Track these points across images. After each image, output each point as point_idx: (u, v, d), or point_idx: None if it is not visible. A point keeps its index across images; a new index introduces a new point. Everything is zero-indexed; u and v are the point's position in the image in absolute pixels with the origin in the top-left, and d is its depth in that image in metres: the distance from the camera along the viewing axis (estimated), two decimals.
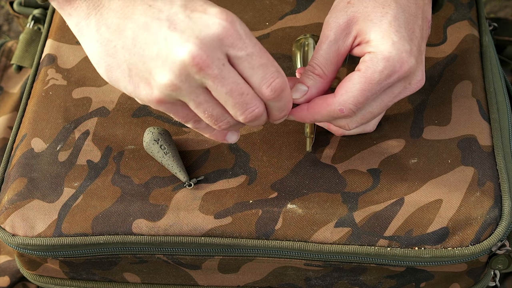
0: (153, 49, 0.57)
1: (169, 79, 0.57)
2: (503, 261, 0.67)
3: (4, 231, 0.68)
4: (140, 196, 0.68)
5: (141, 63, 0.58)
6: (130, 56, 0.59)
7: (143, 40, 0.58)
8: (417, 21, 0.63)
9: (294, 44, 0.74)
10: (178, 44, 0.56)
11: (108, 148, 0.71)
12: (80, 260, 0.69)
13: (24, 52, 0.92)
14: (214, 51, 0.56)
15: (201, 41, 0.56)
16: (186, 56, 0.56)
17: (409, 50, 0.61)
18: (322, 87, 0.64)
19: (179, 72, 0.56)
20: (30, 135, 0.72)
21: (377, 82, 0.61)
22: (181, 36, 0.56)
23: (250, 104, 0.58)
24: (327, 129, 0.71)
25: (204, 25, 0.56)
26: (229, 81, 0.57)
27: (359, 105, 0.62)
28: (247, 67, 0.57)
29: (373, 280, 0.69)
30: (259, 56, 0.57)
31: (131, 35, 0.58)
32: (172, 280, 0.72)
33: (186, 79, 0.57)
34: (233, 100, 0.58)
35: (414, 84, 0.64)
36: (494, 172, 0.68)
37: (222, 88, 0.57)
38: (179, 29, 0.56)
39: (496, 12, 1.29)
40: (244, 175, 0.69)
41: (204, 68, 0.56)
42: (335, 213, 0.66)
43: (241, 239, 0.66)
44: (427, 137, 0.71)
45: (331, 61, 0.64)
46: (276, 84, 0.58)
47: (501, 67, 0.79)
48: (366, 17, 0.63)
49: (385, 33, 0.61)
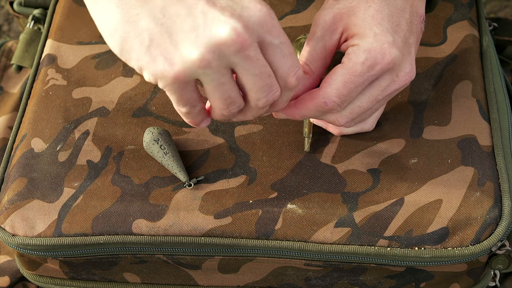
0: (187, 21, 0.55)
1: (201, 55, 0.55)
2: (503, 261, 0.67)
3: (4, 231, 0.68)
4: (140, 196, 0.68)
5: (167, 35, 0.56)
6: (155, 26, 0.56)
7: (175, 11, 0.56)
8: (403, 15, 0.64)
9: (294, 44, 0.74)
10: (219, 20, 0.55)
11: (108, 148, 0.71)
12: (80, 260, 0.69)
13: (24, 52, 0.92)
14: (254, 33, 0.55)
15: (245, 22, 0.55)
16: (230, 33, 0.54)
17: (391, 41, 0.61)
18: (309, 83, 0.64)
19: (214, 49, 0.55)
20: (30, 135, 0.72)
21: (359, 73, 0.61)
22: (223, 13, 0.55)
23: (273, 86, 0.58)
24: (325, 128, 0.71)
25: (245, 7, 0.55)
26: (261, 63, 0.57)
27: (342, 97, 0.62)
28: (279, 55, 0.57)
29: (373, 280, 0.69)
30: (289, 45, 0.58)
31: (160, 4, 0.56)
32: (172, 280, 0.72)
33: (219, 57, 0.55)
34: (262, 82, 0.57)
35: (403, 77, 0.63)
36: (494, 172, 0.68)
37: (255, 70, 0.57)
38: (219, 6, 0.55)
39: (496, 12, 1.29)
40: (244, 175, 0.69)
41: (245, 48, 0.55)
42: (335, 213, 0.66)
43: (241, 239, 0.66)
44: (427, 137, 0.71)
45: (318, 57, 0.64)
46: (300, 74, 0.59)
47: (501, 67, 0.79)
48: (351, 12, 0.63)
49: (367, 26, 0.62)
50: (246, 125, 0.72)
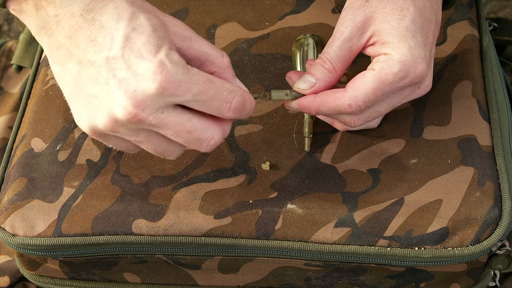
0: (94, 88, 0.57)
1: (105, 122, 0.57)
2: (503, 261, 0.67)
3: (4, 231, 0.68)
4: (139, 195, 0.68)
5: (83, 95, 0.58)
6: (74, 85, 0.58)
7: (86, 77, 0.57)
8: (430, 26, 0.64)
9: (294, 44, 0.74)
10: (115, 95, 0.55)
11: (107, 148, 0.71)
12: (80, 260, 0.69)
13: (24, 52, 0.92)
14: (151, 106, 0.55)
15: (137, 96, 0.55)
16: (121, 112, 0.55)
17: (423, 56, 0.62)
18: (330, 81, 0.65)
19: (115, 120, 0.56)
20: (30, 135, 0.72)
21: (389, 83, 0.62)
22: (119, 87, 0.55)
23: (202, 137, 0.58)
24: (330, 124, 0.71)
25: (141, 78, 0.55)
26: (171, 125, 0.56)
27: (368, 103, 0.62)
28: (199, 105, 0.57)
29: (373, 280, 0.69)
30: (206, 90, 0.56)
31: (76, 67, 0.57)
32: (172, 280, 0.72)
33: (122, 126, 0.57)
34: (183, 139, 0.58)
35: (423, 89, 0.65)
36: (494, 172, 0.68)
37: (167, 132, 0.57)
38: (117, 77, 0.55)
39: (496, 12, 1.29)
40: (244, 175, 0.69)
41: (141, 121, 0.56)
42: (335, 213, 0.66)
43: (241, 239, 0.66)
44: (427, 137, 0.71)
45: (343, 57, 0.64)
46: (235, 104, 0.58)
47: (501, 67, 0.79)
48: (384, 18, 0.63)
49: (402, 37, 0.62)
50: (246, 125, 0.72)
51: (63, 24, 0.57)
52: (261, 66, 0.75)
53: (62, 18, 0.57)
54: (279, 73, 0.75)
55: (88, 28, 0.56)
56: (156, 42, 0.55)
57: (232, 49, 0.77)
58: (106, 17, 0.56)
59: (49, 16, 0.57)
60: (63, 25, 0.57)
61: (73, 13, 0.56)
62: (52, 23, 0.57)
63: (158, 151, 0.60)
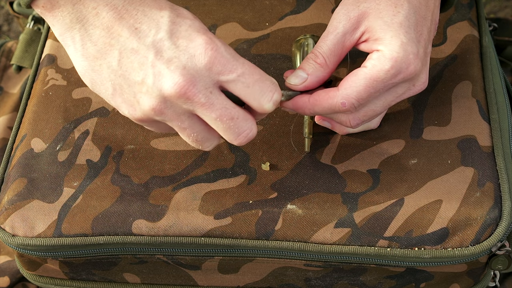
0: (139, 74, 0.58)
1: (154, 105, 0.58)
2: (503, 262, 0.67)
3: (4, 231, 0.68)
4: (139, 196, 0.68)
5: (126, 86, 0.59)
6: (115, 77, 0.59)
7: (129, 64, 0.58)
8: (426, 23, 0.64)
9: (294, 44, 0.74)
10: (164, 75, 0.57)
11: (107, 148, 0.71)
12: (80, 260, 0.69)
13: (24, 52, 0.92)
14: (201, 81, 0.57)
15: (188, 72, 0.57)
16: (173, 87, 0.57)
17: (416, 52, 0.62)
18: (322, 76, 0.64)
19: (164, 100, 0.58)
20: (30, 135, 0.72)
21: (382, 80, 0.62)
22: (168, 66, 0.57)
23: (242, 127, 0.59)
24: (331, 128, 0.71)
25: (190, 55, 0.57)
26: (217, 107, 0.58)
27: (361, 100, 0.62)
28: (242, 87, 0.58)
29: (373, 281, 0.69)
30: (251, 73, 0.58)
31: (117, 57, 0.59)
32: (172, 280, 0.72)
33: (171, 106, 0.58)
34: (224, 125, 0.59)
35: (418, 86, 0.64)
36: (494, 172, 0.68)
37: (211, 114, 0.58)
38: (165, 57, 0.57)
39: (496, 12, 1.29)
40: (244, 175, 0.69)
41: (191, 98, 0.57)
42: (335, 214, 0.66)
43: (241, 240, 0.66)
44: (427, 138, 0.71)
45: (335, 52, 0.64)
46: (277, 97, 0.60)
47: (501, 67, 0.79)
48: (378, 14, 0.63)
49: (395, 33, 0.62)
50: None
51: (103, 15, 0.59)
52: (261, 66, 0.75)
53: (103, 10, 0.58)
54: (279, 74, 0.75)
55: (131, 18, 0.58)
56: (201, 25, 0.58)
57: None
58: (148, 8, 0.58)
59: (87, 9, 0.59)
60: (103, 16, 0.59)
61: (114, 5, 0.58)
62: (89, 16, 0.59)
63: (199, 139, 0.61)
